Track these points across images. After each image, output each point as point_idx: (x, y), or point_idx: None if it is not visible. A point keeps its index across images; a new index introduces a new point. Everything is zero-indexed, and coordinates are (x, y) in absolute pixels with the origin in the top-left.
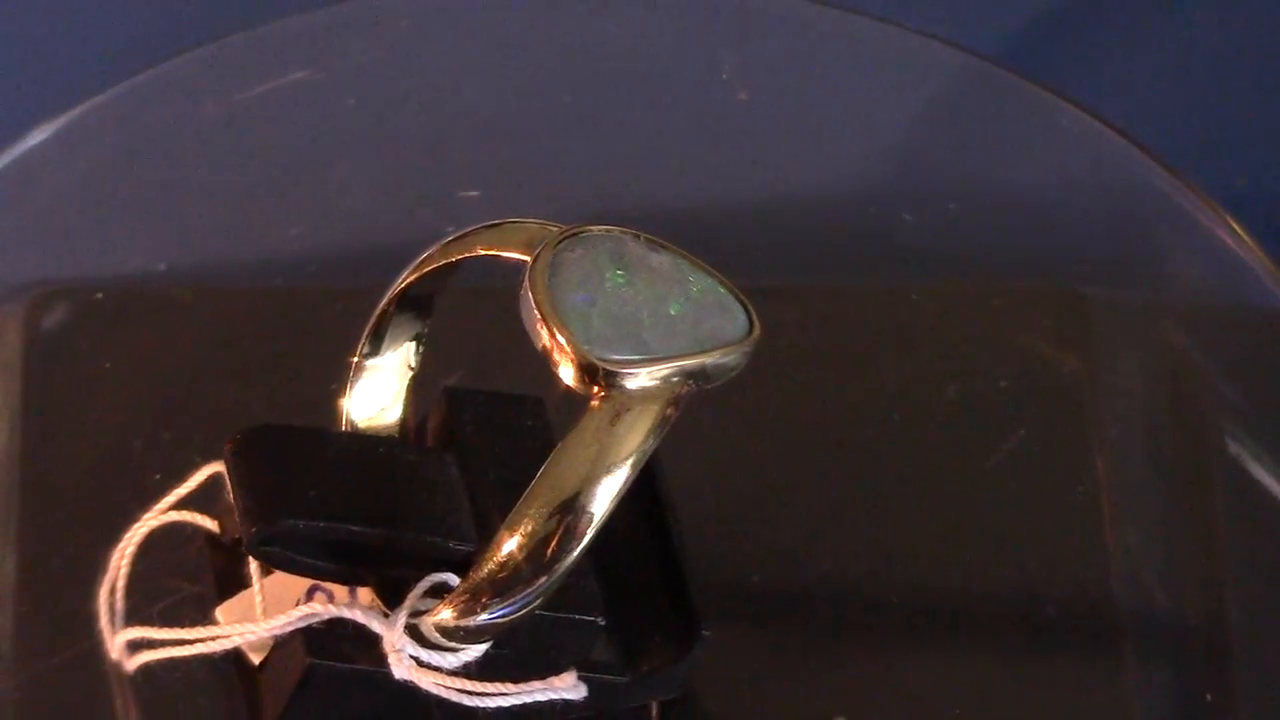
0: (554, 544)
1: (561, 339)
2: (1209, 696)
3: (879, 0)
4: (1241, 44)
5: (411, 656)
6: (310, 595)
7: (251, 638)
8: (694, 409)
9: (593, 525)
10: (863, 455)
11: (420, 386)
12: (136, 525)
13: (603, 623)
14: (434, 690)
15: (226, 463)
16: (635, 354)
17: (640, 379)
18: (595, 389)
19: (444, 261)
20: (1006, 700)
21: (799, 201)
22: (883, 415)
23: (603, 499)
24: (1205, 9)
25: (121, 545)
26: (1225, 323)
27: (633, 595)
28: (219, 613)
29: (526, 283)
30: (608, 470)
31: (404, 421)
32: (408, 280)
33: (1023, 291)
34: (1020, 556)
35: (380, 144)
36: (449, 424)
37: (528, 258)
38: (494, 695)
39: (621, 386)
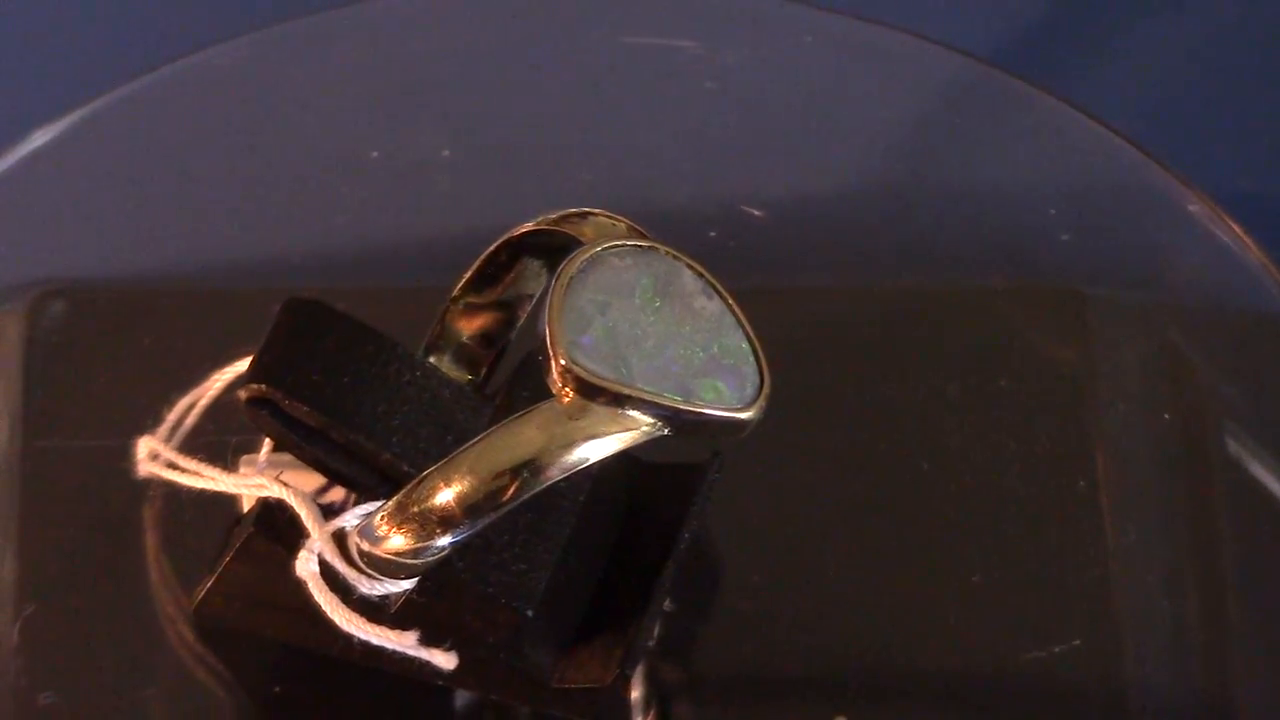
0: (466, 504)
1: (550, 331)
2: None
3: (880, 3)
4: (1241, 44)
5: (325, 563)
6: (329, 486)
7: (218, 488)
8: None
9: (502, 506)
10: (862, 454)
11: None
12: (249, 357)
13: (531, 615)
14: (315, 597)
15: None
16: (610, 374)
17: (604, 399)
18: (564, 388)
19: (544, 228)
20: (1006, 699)
21: (799, 201)
22: (882, 415)
23: (523, 484)
24: (1205, 9)
25: (223, 369)
26: (1225, 323)
27: (606, 614)
28: (241, 460)
29: (558, 272)
30: (541, 463)
31: (488, 370)
32: (515, 234)
33: (1023, 291)
34: (1020, 556)
35: (379, 144)
36: (511, 385)
37: None
38: (353, 625)
39: (581, 397)
